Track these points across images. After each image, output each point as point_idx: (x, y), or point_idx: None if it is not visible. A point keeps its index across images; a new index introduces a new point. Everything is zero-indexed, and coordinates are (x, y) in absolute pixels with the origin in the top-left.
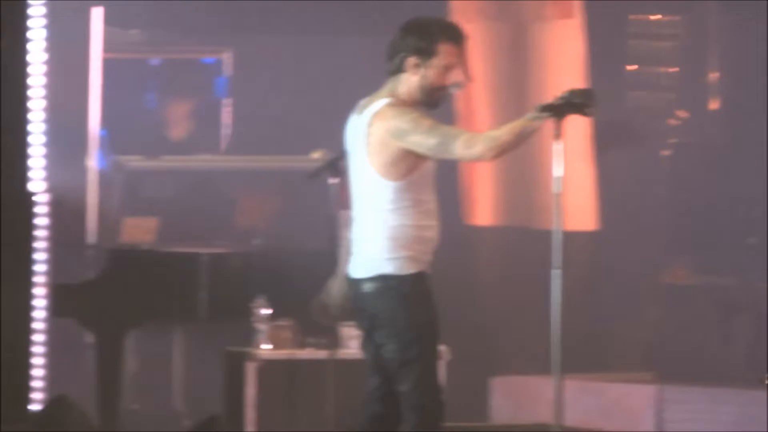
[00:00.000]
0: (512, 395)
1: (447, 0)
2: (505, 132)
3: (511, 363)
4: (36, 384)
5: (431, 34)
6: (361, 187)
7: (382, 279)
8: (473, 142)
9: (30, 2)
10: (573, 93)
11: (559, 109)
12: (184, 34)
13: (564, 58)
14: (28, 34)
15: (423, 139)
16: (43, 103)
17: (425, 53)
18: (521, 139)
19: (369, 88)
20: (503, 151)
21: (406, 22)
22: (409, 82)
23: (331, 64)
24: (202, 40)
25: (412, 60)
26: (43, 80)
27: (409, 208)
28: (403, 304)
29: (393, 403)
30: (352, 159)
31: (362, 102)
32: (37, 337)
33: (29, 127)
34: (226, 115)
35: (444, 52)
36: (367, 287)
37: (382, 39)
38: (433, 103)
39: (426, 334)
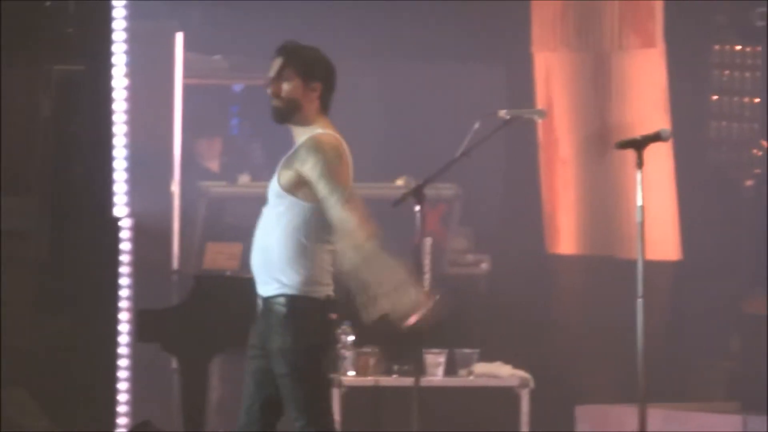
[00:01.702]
0: (597, 424)
1: (528, 30)
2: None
3: (595, 392)
4: (121, 409)
5: None
6: None
7: None
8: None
9: (113, 28)
10: None
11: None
12: (264, 61)
13: (646, 88)
14: (111, 60)
15: None
16: (126, 128)
17: None
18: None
19: (451, 113)
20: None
21: None
22: None
23: (415, 90)
24: None
25: None
26: (126, 105)
27: None
28: None
29: None
30: None
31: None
32: (122, 362)
33: (113, 153)
34: None
35: None
36: None
37: (464, 65)
38: (271, 115)
39: None
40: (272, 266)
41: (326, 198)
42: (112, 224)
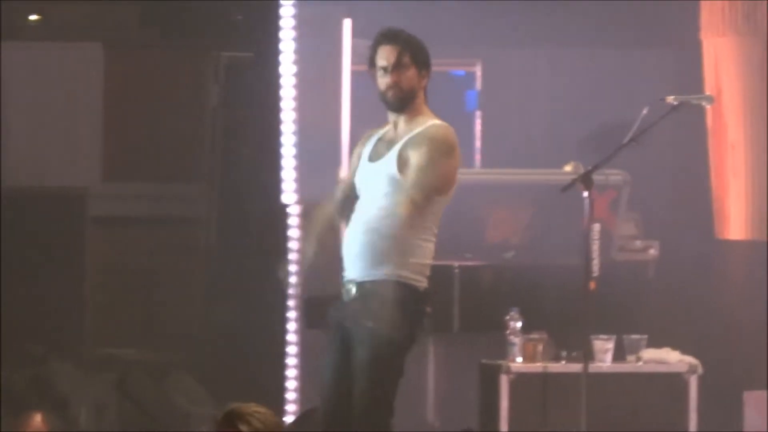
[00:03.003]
0: (766, 410)
1: (697, 16)
2: None
3: (764, 377)
4: (289, 396)
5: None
6: None
7: None
8: None
9: (280, 14)
10: None
11: None
12: (433, 46)
13: None
14: (279, 47)
15: None
16: (294, 115)
17: (370, 61)
18: None
19: (620, 100)
20: None
21: None
22: None
23: (583, 76)
24: (452, 52)
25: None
26: (294, 93)
27: None
28: None
29: None
30: None
31: None
32: (290, 349)
33: (281, 140)
34: (478, 128)
35: (376, 56)
36: None
37: (632, 52)
38: (388, 105)
39: None
40: (381, 253)
41: (410, 185)
42: (281, 211)
